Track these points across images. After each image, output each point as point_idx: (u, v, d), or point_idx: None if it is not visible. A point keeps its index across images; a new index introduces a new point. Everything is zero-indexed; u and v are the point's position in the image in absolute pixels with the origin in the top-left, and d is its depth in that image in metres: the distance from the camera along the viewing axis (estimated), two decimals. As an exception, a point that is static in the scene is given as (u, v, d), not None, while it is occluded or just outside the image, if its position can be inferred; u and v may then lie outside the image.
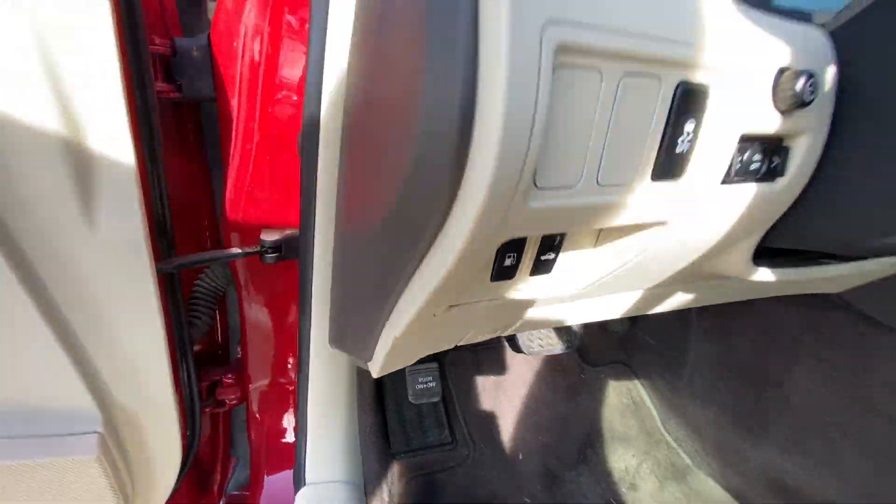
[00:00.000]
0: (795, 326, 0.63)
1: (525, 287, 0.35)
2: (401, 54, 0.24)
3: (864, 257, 0.41)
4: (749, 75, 0.28)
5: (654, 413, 0.87)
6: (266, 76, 0.41)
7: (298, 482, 0.54)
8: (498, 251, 0.28)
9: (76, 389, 0.36)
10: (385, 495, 0.63)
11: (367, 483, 0.59)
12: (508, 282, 0.32)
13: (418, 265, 0.27)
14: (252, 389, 0.61)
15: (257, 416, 0.62)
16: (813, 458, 0.63)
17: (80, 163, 0.32)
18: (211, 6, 0.54)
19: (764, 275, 0.40)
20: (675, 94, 0.26)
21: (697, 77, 0.26)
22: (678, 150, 0.27)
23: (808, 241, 0.37)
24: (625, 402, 0.88)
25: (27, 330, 0.34)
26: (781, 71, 0.28)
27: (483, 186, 0.21)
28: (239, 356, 0.63)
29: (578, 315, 0.45)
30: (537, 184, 0.23)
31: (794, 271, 0.42)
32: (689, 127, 0.27)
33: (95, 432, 0.37)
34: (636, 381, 0.89)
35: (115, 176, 0.33)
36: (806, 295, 0.54)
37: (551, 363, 0.88)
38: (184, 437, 0.46)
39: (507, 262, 0.29)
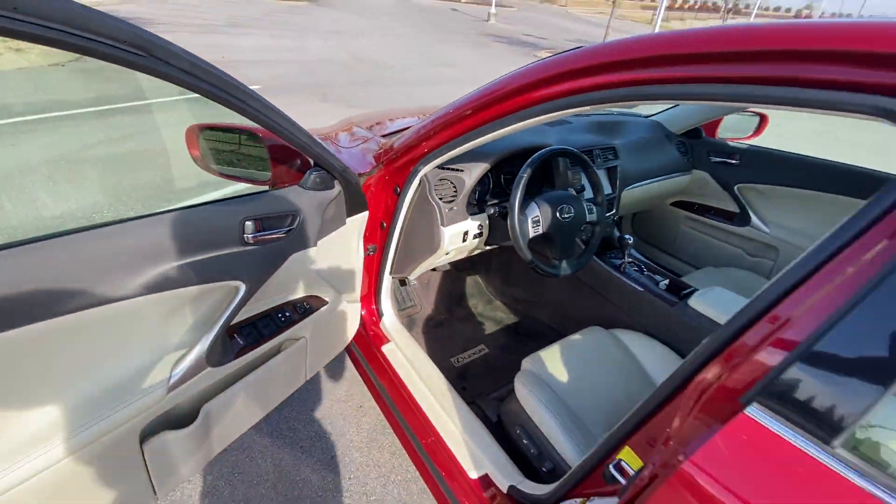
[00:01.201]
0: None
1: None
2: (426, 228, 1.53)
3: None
4: None
5: (483, 285, 2.35)
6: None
7: (380, 315, 1.82)
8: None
9: (356, 285, 1.57)
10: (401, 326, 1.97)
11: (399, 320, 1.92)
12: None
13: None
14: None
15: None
16: (520, 288, 2.16)
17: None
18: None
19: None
20: None
21: None
22: None
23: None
24: (474, 284, 2.34)
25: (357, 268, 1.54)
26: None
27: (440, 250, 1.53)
28: None
29: None
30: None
31: None
32: None
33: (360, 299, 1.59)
34: (477, 276, 2.36)
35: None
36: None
37: (447, 273, 2.27)
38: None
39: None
